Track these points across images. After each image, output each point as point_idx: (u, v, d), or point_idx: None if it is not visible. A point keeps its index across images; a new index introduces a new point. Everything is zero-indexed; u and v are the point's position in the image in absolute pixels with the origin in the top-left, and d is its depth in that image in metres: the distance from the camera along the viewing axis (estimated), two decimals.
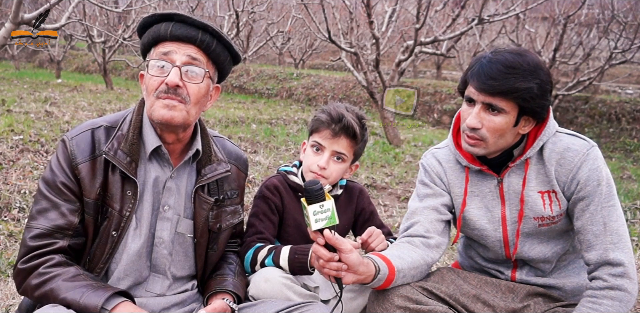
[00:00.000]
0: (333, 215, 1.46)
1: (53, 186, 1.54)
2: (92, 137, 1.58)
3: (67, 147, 1.56)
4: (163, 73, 1.54)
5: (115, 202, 1.56)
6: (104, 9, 8.02)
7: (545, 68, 1.66)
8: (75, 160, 1.54)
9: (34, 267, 1.48)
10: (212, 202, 1.69)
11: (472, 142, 1.69)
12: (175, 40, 1.56)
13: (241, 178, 1.83)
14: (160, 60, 1.55)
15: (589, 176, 1.67)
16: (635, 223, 4.42)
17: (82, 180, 1.54)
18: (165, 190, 1.64)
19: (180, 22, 1.56)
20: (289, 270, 1.82)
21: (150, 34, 1.59)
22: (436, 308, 1.62)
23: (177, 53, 1.55)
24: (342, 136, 1.94)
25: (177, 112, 1.54)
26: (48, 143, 5.07)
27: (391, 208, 4.54)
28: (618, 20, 9.69)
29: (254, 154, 5.94)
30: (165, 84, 1.53)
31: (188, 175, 1.69)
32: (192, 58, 1.56)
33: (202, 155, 1.68)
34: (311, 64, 18.93)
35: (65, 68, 17.79)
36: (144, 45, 1.62)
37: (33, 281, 1.48)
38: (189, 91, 1.55)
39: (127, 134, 1.59)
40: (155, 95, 1.55)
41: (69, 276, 1.47)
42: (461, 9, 7.01)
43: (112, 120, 1.64)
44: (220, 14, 11.57)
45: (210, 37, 1.58)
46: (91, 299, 1.41)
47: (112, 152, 1.55)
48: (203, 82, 1.57)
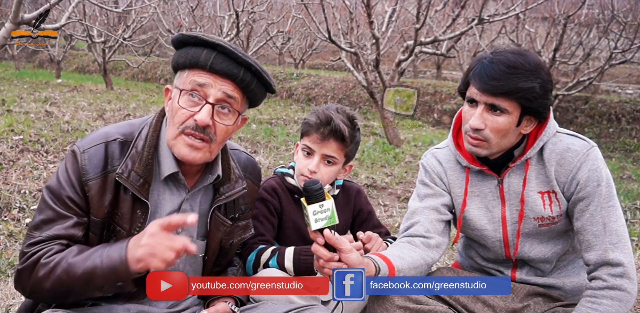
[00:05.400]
0: (333, 215, 1.46)
1: (59, 198, 1.46)
2: (106, 152, 1.48)
3: (78, 160, 1.47)
4: (194, 105, 1.45)
5: (125, 222, 1.48)
6: (104, 9, 8.03)
7: (546, 67, 1.67)
8: (86, 175, 1.46)
9: (34, 262, 1.41)
10: (229, 224, 1.64)
11: (475, 142, 1.69)
12: (214, 72, 1.45)
13: (254, 192, 1.78)
14: (193, 91, 1.46)
15: (588, 176, 1.67)
16: (635, 223, 4.42)
17: (91, 198, 1.46)
18: (181, 212, 1.56)
19: (222, 54, 1.46)
20: (293, 271, 1.82)
21: (188, 56, 1.47)
22: (436, 308, 1.62)
23: (214, 87, 1.45)
24: (330, 139, 1.92)
25: (200, 154, 1.47)
26: (48, 143, 5.07)
27: (391, 208, 4.54)
28: (618, 20, 9.69)
29: (254, 154, 5.95)
30: (194, 120, 1.44)
31: (204, 193, 1.61)
32: (227, 95, 1.47)
33: (221, 178, 1.60)
34: (311, 64, 18.92)
35: (65, 68, 17.78)
36: (179, 64, 1.51)
37: (41, 273, 1.39)
38: (217, 131, 1.47)
39: (141, 152, 1.49)
40: (181, 129, 1.46)
41: (75, 252, 1.40)
42: (461, 9, 7.01)
43: (126, 132, 1.54)
44: (220, 14, 11.56)
45: (252, 76, 1.48)
46: (112, 255, 1.34)
47: (126, 174, 1.47)
48: (233, 120, 1.50)
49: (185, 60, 1.48)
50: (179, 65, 1.52)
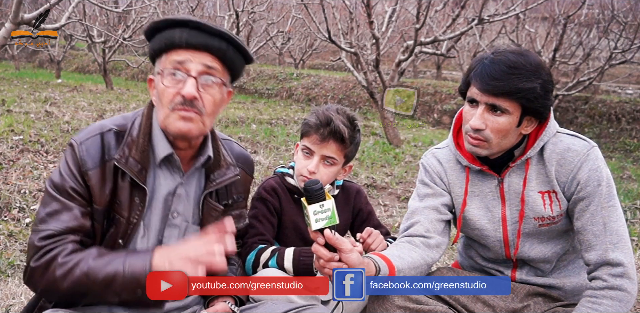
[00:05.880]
0: (333, 215, 1.46)
1: (62, 191, 1.49)
2: (102, 142, 1.53)
3: (76, 152, 1.51)
4: (178, 82, 1.50)
5: (124, 210, 1.52)
6: (104, 9, 8.03)
7: (547, 68, 1.67)
8: (85, 166, 1.50)
9: (50, 261, 1.42)
10: (220, 210, 1.67)
11: (475, 142, 1.69)
12: (190, 48, 1.50)
13: (247, 182, 1.81)
14: (175, 69, 1.50)
15: (589, 176, 1.67)
16: (635, 223, 4.43)
17: (92, 188, 1.50)
18: (175, 197, 1.60)
19: (194, 29, 1.50)
20: (293, 272, 1.82)
21: (162, 39, 1.52)
22: (436, 308, 1.62)
23: (193, 62, 1.50)
24: (330, 140, 1.92)
25: (194, 124, 1.50)
26: (48, 143, 5.07)
27: (391, 208, 4.55)
28: (618, 20, 9.69)
29: (254, 154, 5.95)
30: (181, 95, 1.48)
31: (197, 180, 1.66)
32: (207, 67, 1.51)
33: (212, 160, 1.65)
34: (311, 64, 18.93)
35: (65, 68, 17.79)
36: (155, 50, 1.55)
37: (58, 273, 1.41)
38: (205, 102, 1.51)
39: (137, 139, 1.54)
40: (170, 107, 1.50)
41: (96, 255, 1.42)
42: (461, 9, 7.01)
43: (120, 123, 1.59)
44: (220, 14, 11.57)
45: (226, 44, 1.52)
46: (136, 264, 1.38)
47: (124, 159, 1.51)
48: (218, 91, 1.54)
49: (161, 43, 1.53)
50: (155, 52, 1.56)
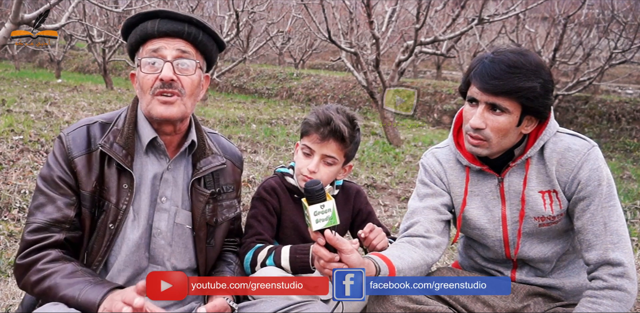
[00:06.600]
0: (334, 216, 1.46)
1: (50, 181, 1.57)
2: (88, 132, 1.62)
3: (64, 142, 1.60)
4: (156, 70, 1.58)
5: (112, 196, 1.59)
6: (104, 9, 8.02)
7: (547, 67, 1.67)
8: (71, 154, 1.58)
9: (31, 263, 1.51)
10: (208, 195, 1.72)
11: (475, 142, 1.69)
12: (163, 36, 1.60)
13: (237, 174, 1.86)
14: (151, 58, 1.59)
15: (589, 176, 1.67)
16: (635, 223, 4.43)
17: (79, 174, 1.57)
18: (162, 182, 1.67)
19: (165, 18, 1.60)
20: (290, 269, 1.82)
21: (137, 33, 1.63)
22: (436, 308, 1.62)
23: (167, 48, 1.59)
24: (330, 140, 1.92)
25: (175, 107, 1.59)
26: (48, 143, 5.07)
27: (391, 208, 4.55)
28: (618, 20, 9.69)
29: (254, 154, 5.94)
30: (160, 80, 1.57)
31: (184, 168, 1.72)
32: (182, 51, 1.60)
33: (197, 148, 1.72)
34: (311, 64, 18.92)
35: (65, 68, 17.79)
36: (132, 44, 1.66)
37: (32, 278, 1.50)
38: (183, 84, 1.60)
39: (122, 128, 1.63)
40: (151, 92, 1.59)
41: (67, 273, 1.49)
42: (461, 9, 7.01)
43: (107, 117, 1.69)
44: (220, 14, 11.56)
45: (196, 29, 1.62)
46: (89, 295, 1.42)
47: (108, 145, 1.59)
48: (195, 73, 1.62)
49: (136, 36, 1.63)
50: (133, 46, 1.66)
